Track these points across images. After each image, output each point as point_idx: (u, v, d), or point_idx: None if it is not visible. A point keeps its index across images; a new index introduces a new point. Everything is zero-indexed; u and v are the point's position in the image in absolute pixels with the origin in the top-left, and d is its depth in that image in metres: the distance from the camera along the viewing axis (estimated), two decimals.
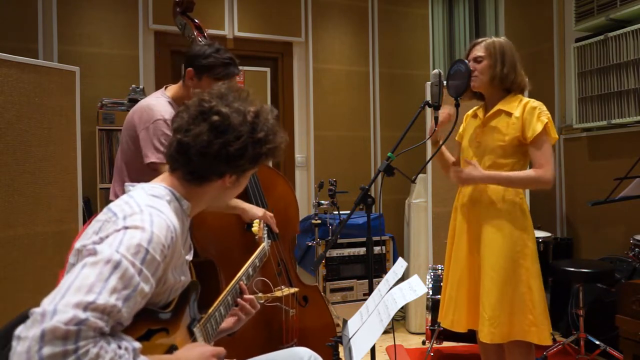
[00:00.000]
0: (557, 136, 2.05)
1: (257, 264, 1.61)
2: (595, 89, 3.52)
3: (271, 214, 2.09)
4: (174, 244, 1.10)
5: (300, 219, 3.95)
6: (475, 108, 2.26)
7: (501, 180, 2.03)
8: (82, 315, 0.87)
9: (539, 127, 1.99)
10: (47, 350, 0.83)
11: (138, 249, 0.99)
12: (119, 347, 0.93)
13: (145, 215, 1.05)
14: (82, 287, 0.90)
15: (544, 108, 2.04)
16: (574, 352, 3.06)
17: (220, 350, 1.21)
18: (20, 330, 0.85)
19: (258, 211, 2.05)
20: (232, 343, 1.96)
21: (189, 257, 1.30)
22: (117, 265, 0.95)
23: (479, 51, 2.11)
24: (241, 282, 1.48)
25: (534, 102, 2.05)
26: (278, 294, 2.03)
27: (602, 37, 3.43)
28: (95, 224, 1.08)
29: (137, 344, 0.97)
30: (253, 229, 1.70)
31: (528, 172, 2.02)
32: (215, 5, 3.85)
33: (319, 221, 3.45)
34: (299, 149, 4.21)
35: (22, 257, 2.54)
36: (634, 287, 2.39)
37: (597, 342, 2.90)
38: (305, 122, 4.20)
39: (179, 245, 1.15)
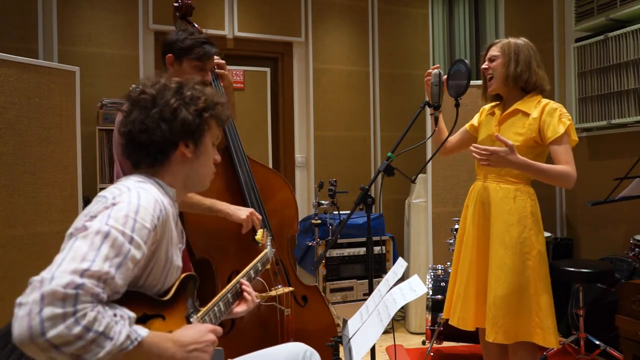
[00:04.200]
0: (577, 139, 2.02)
1: (260, 268, 1.62)
2: (595, 89, 3.52)
3: (259, 216, 2.06)
4: (164, 218, 1.13)
5: (300, 219, 3.95)
6: (493, 104, 2.23)
7: (533, 169, 1.97)
8: (79, 280, 0.91)
9: (561, 129, 1.97)
10: (47, 312, 0.86)
11: (126, 219, 1.03)
12: (114, 315, 0.96)
13: (132, 192, 1.10)
14: (77, 256, 0.94)
15: (565, 110, 2.02)
16: (574, 352, 3.06)
17: (219, 328, 1.23)
18: (20, 298, 0.88)
19: (242, 213, 2.00)
20: (228, 342, 1.97)
21: (182, 246, 1.32)
22: (106, 235, 0.99)
23: (494, 51, 2.12)
24: (242, 281, 1.49)
25: (554, 104, 2.03)
26: (273, 293, 2.03)
27: (602, 37, 3.43)
28: (86, 210, 1.11)
29: (132, 314, 1.00)
30: (257, 237, 1.72)
31: (560, 167, 1.96)
32: (215, 5, 3.85)
33: (319, 221, 3.45)
34: (299, 149, 4.21)
35: (22, 257, 2.54)
36: (634, 287, 2.39)
37: (597, 342, 2.90)
38: (305, 122, 4.20)
39: (171, 222, 1.18)
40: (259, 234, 1.71)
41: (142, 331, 0.99)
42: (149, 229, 1.07)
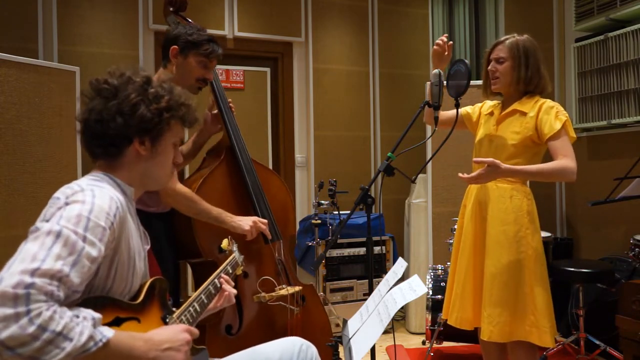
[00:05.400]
0: (575, 136, 2.02)
1: (230, 271, 1.62)
2: (595, 89, 3.52)
3: (263, 220, 2.07)
4: (122, 215, 1.11)
5: (300, 219, 3.95)
6: (492, 105, 2.23)
7: (526, 173, 1.98)
8: (28, 279, 0.88)
9: (557, 125, 1.97)
10: None
11: (79, 219, 1.01)
12: (77, 317, 0.93)
13: (86, 192, 1.08)
14: (27, 257, 0.92)
15: (561, 108, 2.02)
16: (574, 352, 3.06)
17: (194, 329, 1.21)
18: None
19: (245, 224, 2.00)
20: (236, 342, 1.98)
21: (147, 246, 1.32)
22: (58, 235, 0.96)
23: (501, 52, 2.09)
24: (223, 280, 1.52)
25: (551, 103, 2.04)
26: (283, 292, 2.04)
27: (602, 37, 3.43)
28: (42, 214, 1.09)
29: (98, 315, 0.97)
30: (222, 246, 1.72)
31: (554, 163, 1.95)
32: (215, 5, 3.85)
33: (319, 221, 3.45)
34: (299, 149, 4.21)
35: None
36: (634, 287, 2.38)
37: (597, 342, 2.90)
38: (305, 122, 4.20)
39: (129, 220, 1.16)
40: (224, 243, 1.71)
41: (107, 332, 0.96)
42: (104, 226, 1.04)
